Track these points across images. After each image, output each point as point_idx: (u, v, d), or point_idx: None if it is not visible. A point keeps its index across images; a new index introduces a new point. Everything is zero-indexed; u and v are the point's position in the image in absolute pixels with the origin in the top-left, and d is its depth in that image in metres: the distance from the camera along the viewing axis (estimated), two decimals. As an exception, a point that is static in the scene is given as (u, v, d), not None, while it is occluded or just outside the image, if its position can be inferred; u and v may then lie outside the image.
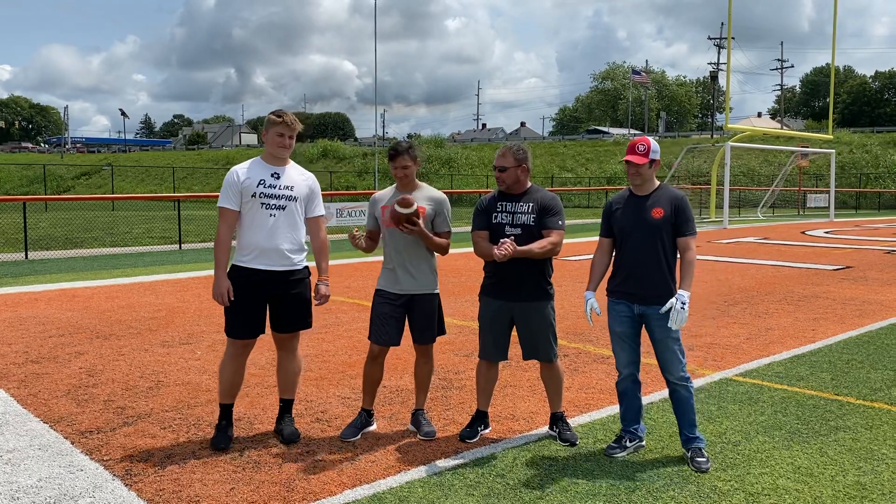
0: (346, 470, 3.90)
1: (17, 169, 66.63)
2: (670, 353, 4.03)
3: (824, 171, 43.19)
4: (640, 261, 4.02)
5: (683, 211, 4.01)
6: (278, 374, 4.50)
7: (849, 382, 5.58)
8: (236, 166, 4.28)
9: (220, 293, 4.14)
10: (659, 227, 4.00)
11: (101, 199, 28.32)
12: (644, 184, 4.11)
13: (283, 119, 4.19)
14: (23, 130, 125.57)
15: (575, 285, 10.47)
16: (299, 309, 4.34)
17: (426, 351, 4.51)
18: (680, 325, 3.89)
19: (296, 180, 4.30)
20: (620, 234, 4.12)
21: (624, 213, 4.13)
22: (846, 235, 20.85)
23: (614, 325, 4.18)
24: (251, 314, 4.22)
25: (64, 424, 4.60)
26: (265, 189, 4.18)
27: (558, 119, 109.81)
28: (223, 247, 4.20)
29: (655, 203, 4.04)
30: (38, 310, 8.45)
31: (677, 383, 4.06)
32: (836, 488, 3.70)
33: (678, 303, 3.86)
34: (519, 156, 4.29)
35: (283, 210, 4.21)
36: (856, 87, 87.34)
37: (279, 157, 4.26)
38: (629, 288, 4.07)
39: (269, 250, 4.18)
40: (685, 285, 3.92)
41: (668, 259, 4.02)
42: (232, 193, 4.19)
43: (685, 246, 4.01)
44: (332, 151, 64.85)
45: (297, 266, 4.29)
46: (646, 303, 4.02)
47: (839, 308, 8.78)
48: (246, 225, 4.21)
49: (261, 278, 4.18)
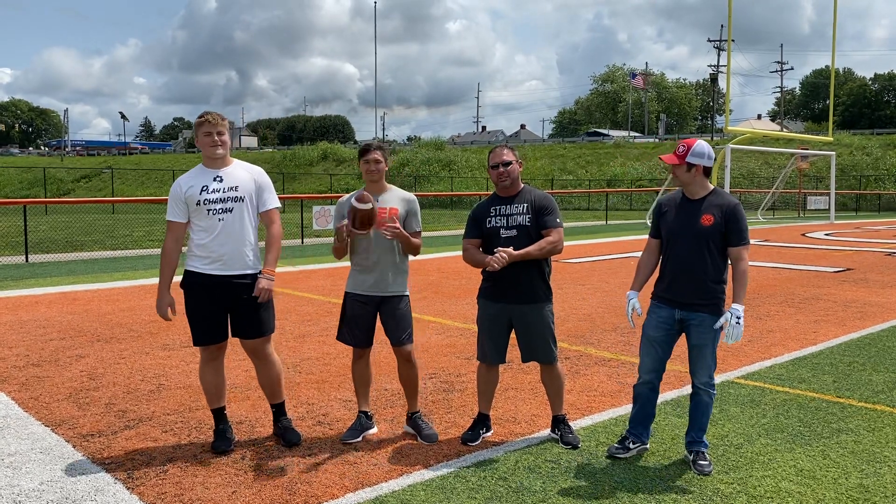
0: (348, 473, 3.90)
1: (17, 172, 66.69)
2: (704, 360, 3.97)
3: (824, 174, 43.18)
4: (686, 267, 3.92)
5: (736, 220, 3.84)
6: (260, 383, 4.44)
7: (851, 385, 5.58)
8: (180, 177, 4.22)
9: (162, 310, 4.14)
10: (708, 234, 3.86)
11: (102, 202, 28.30)
12: (688, 187, 3.97)
13: (206, 118, 4.13)
14: (22, 134, 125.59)
15: (576, 287, 10.47)
16: (258, 314, 4.20)
17: (406, 353, 4.43)
18: (736, 341, 3.80)
19: (241, 178, 4.21)
20: (668, 237, 4.01)
21: (673, 216, 4.01)
22: (847, 237, 20.84)
23: (650, 329, 4.09)
24: (210, 320, 4.16)
25: (65, 428, 4.59)
26: (209, 195, 4.11)
27: (558, 121, 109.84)
28: (168, 261, 4.17)
29: (706, 209, 3.90)
30: (39, 313, 8.45)
31: (701, 388, 4.02)
32: (838, 491, 3.69)
33: (733, 317, 3.76)
34: (514, 152, 4.31)
35: (230, 213, 4.13)
36: (856, 90, 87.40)
37: (215, 157, 4.17)
38: (673, 294, 3.98)
39: (221, 255, 4.11)
40: (739, 299, 3.81)
41: (717, 267, 3.89)
42: (177, 206, 4.16)
43: (737, 256, 3.86)
44: (331, 154, 64.91)
45: (253, 270, 4.19)
46: (688, 309, 3.94)
47: (840, 310, 8.77)
48: (196, 231, 4.16)
49: (214, 283, 4.12)
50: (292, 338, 7.12)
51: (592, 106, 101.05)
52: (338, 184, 52.30)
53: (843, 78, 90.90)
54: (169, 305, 4.14)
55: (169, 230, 4.20)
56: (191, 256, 4.18)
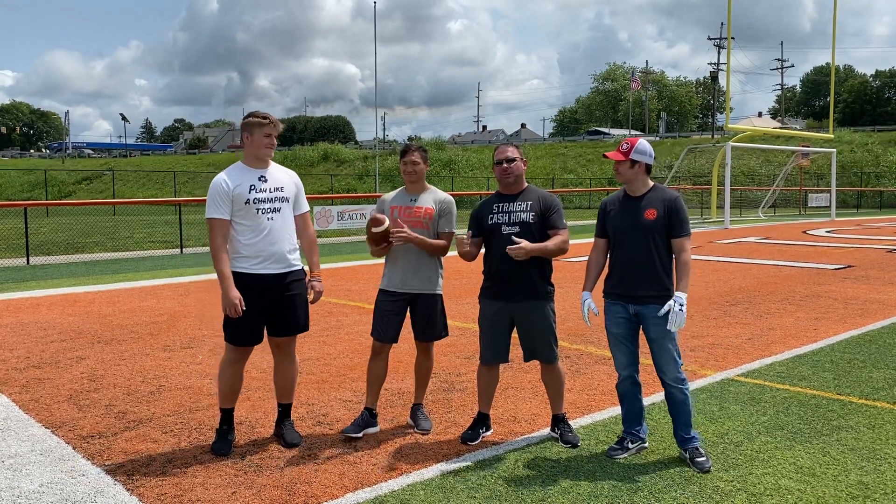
0: (348, 473, 3.90)
1: (19, 174, 66.77)
2: (665, 354, 4.02)
3: (825, 171, 43.14)
4: (634, 262, 4.02)
5: (677, 212, 4.00)
6: (275, 380, 4.48)
7: (851, 382, 5.57)
8: (220, 174, 4.19)
9: (231, 304, 4.04)
10: (652, 228, 3.99)
11: (103, 204, 28.36)
12: (630, 184, 4.11)
13: (270, 120, 4.17)
14: (23, 136, 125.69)
15: (576, 286, 10.47)
16: (298, 311, 4.33)
17: (427, 348, 4.59)
18: (679, 327, 3.89)
19: (283, 180, 4.27)
20: (614, 235, 4.13)
21: (618, 214, 4.13)
22: (848, 235, 20.83)
23: (611, 327, 4.18)
24: (254, 321, 4.19)
25: (65, 429, 4.60)
26: (258, 194, 4.14)
27: (558, 120, 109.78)
28: (223, 258, 4.10)
29: (649, 204, 4.04)
30: (40, 315, 8.46)
31: (672, 385, 4.04)
32: (838, 488, 3.69)
33: (676, 305, 3.86)
34: (519, 150, 4.35)
35: (278, 212, 4.20)
36: (856, 87, 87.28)
37: (264, 158, 4.22)
38: (624, 289, 4.07)
39: (270, 255, 4.16)
40: (682, 287, 3.92)
41: (663, 260, 4.01)
42: (222, 203, 4.11)
43: (680, 247, 3.99)
44: (332, 154, 64.90)
45: (296, 266, 4.30)
46: (641, 303, 4.02)
47: (841, 307, 8.77)
48: (242, 231, 4.14)
49: (263, 283, 4.16)
50: (293, 338, 7.12)
51: (593, 105, 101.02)
52: (338, 184, 52.33)
53: (843, 75, 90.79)
54: (238, 299, 4.05)
55: (215, 228, 4.11)
56: (237, 258, 4.16)
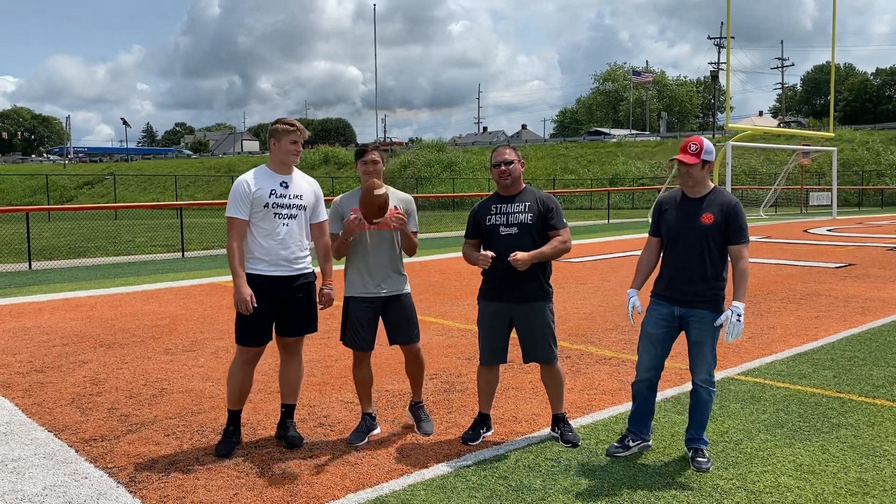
0: (349, 474, 3.92)
1: (21, 179, 66.87)
2: (703, 357, 3.98)
3: (826, 169, 43.12)
4: (685, 265, 3.94)
5: (736, 218, 3.87)
6: (281, 380, 4.52)
7: (851, 380, 5.58)
8: (244, 176, 4.27)
9: (242, 300, 4.10)
10: (708, 232, 3.88)
11: (104, 209, 28.40)
12: (696, 186, 3.98)
13: (297, 127, 4.27)
14: (25, 141, 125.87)
15: (577, 287, 10.48)
16: (307, 312, 4.40)
17: (412, 349, 4.50)
18: (736, 338, 3.83)
19: (304, 189, 4.35)
20: (668, 235, 4.03)
21: (674, 214, 4.02)
22: (849, 233, 20.82)
23: (649, 326, 4.11)
24: (264, 321, 4.26)
25: (68, 433, 4.62)
26: (277, 199, 4.22)
27: (559, 121, 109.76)
28: (238, 256, 4.18)
29: (707, 207, 3.91)
30: (42, 319, 8.49)
31: (701, 385, 4.03)
32: (837, 485, 3.70)
33: (734, 315, 3.78)
34: (517, 151, 4.34)
35: (294, 219, 4.27)
36: (857, 85, 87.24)
37: (290, 164, 4.30)
38: (672, 292, 4.00)
39: (282, 258, 4.23)
40: (739, 296, 3.83)
41: (716, 264, 3.91)
42: (242, 203, 4.19)
43: (737, 255, 3.88)
44: (333, 157, 64.95)
45: (307, 269, 4.36)
46: (687, 305, 3.95)
47: (842, 306, 8.77)
48: (257, 234, 4.22)
49: (273, 285, 4.22)
50: (294, 341, 7.14)
51: (594, 105, 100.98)
52: (339, 187, 52.35)
53: (844, 73, 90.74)
54: (250, 296, 4.11)
55: (233, 227, 4.18)
56: (251, 259, 4.22)
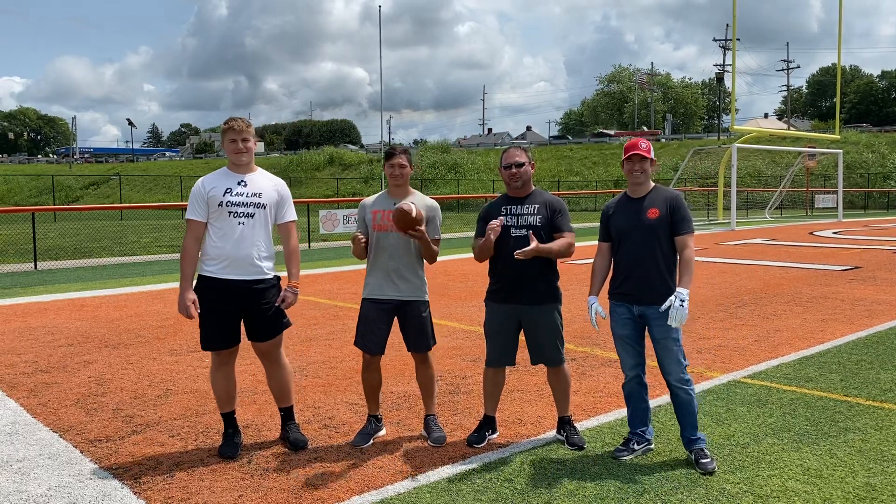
0: (354, 476, 3.90)
1: (27, 180, 67.09)
2: (670, 354, 4.02)
3: (832, 172, 42.99)
4: (637, 262, 4.04)
5: (679, 209, 4.03)
6: (269, 385, 4.47)
7: (858, 383, 5.55)
8: (203, 177, 4.24)
9: (184, 306, 4.08)
10: (655, 227, 4.02)
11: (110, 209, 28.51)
12: (643, 183, 4.13)
13: (231, 125, 4.18)
14: (31, 142, 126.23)
15: (582, 289, 10.45)
16: (271, 317, 4.25)
17: (424, 358, 4.48)
18: (680, 323, 3.88)
19: (264, 187, 4.26)
20: (618, 236, 4.15)
21: (620, 215, 4.16)
22: (855, 236, 20.74)
23: (617, 328, 4.19)
24: (223, 324, 4.17)
25: (73, 433, 4.62)
26: (232, 197, 4.14)
27: (564, 123, 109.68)
28: (189, 258, 4.15)
29: (651, 204, 4.07)
30: (48, 319, 8.50)
31: (677, 385, 4.05)
32: (845, 490, 3.68)
33: (677, 300, 3.86)
34: (528, 153, 4.35)
35: (251, 217, 4.17)
36: (863, 87, 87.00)
37: (239, 163, 4.22)
38: (628, 289, 4.09)
39: (238, 259, 4.13)
40: (684, 283, 3.94)
41: (666, 259, 4.03)
42: (198, 205, 4.16)
43: (683, 244, 4.02)
44: (338, 158, 65.03)
45: (267, 275, 4.23)
46: (645, 303, 4.03)
47: (848, 309, 8.73)
48: (214, 234, 4.16)
49: (230, 288, 4.14)
50: (299, 341, 7.14)
51: (598, 107, 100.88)
52: (344, 188, 52.44)
53: (850, 75, 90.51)
54: (192, 302, 4.08)
55: (189, 228, 4.19)
56: (206, 261, 4.18)
